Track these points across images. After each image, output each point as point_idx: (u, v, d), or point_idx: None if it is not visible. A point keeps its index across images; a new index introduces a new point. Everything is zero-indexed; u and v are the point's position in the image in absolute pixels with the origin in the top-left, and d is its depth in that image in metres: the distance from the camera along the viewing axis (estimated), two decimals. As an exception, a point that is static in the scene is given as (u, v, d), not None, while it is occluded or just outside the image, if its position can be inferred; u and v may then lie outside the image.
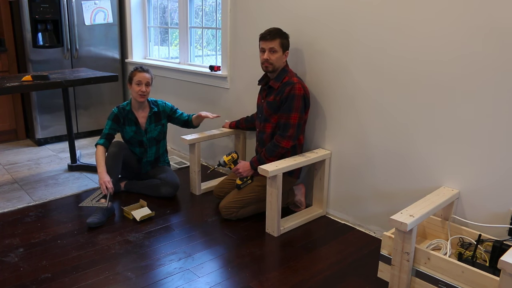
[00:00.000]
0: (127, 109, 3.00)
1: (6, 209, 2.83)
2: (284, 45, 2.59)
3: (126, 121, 3.01)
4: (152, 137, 3.07)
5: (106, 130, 2.96)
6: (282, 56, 2.60)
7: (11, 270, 2.16)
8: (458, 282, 1.79)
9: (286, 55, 2.62)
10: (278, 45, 2.56)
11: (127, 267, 2.20)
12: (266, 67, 2.61)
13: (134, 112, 3.01)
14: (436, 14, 2.10)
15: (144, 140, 3.05)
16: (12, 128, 4.30)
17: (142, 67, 2.96)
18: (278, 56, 2.57)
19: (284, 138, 2.57)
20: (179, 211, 2.84)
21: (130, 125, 3.02)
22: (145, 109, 3.04)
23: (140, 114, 3.02)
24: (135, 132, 3.02)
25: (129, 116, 3.00)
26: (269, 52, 2.57)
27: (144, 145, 3.07)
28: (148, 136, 3.05)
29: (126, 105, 3.02)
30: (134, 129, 3.02)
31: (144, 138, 3.05)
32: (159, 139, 3.12)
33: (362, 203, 2.61)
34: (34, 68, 4.00)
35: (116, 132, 3.00)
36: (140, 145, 3.07)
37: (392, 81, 2.34)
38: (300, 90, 2.53)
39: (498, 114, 1.97)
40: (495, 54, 1.93)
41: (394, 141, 2.39)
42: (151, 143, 3.09)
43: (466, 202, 2.15)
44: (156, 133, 3.08)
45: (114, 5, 4.34)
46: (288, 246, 2.44)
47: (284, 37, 2.59)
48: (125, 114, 3.00)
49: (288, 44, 2.61)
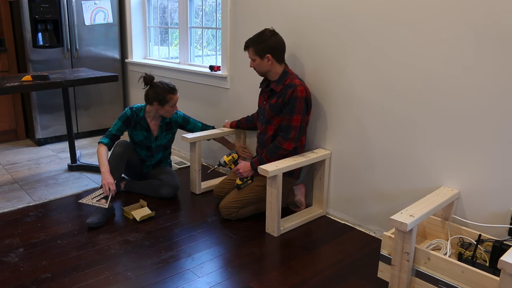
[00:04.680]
0: (140, 115, 2.96)
1: (6, 209, 2.83)
2: (259, 51, 2.57)
3: (138, 125, 2.99)
4: (161, 144, 3.07)
5: (113, 130, 2.93)
6: (263, 61, 2.58)
7: (11, 270, 2.16)
8: (458, 282, 1.79)
9: (269, 59, 2.57)
10: (252, 53, 2.60)
11: (127, 267, 2.20)
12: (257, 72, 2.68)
13: (148, 120, 2.99)
14: (438, 14, 2.10)
15: (153, 146, 3.05)
16: (12, 128, 4.30)
17: (172, 87, 2.89)
18: (257, 63, 2.61)
19: (286, 140, 2.57)
20: (179, 211, 2.84)
21: (141, 130, 2.99)
22: (158, 118, 3.02)
23: (152, 122, 3.01)
24: (146, 137, 3.01)
25: (141, 123, 2.98)
26: (251, 61, 2.64)
27: (152, 151, 3.07)
28: (157, 143, 3.05)
29: (140, 110, 2.97)
30: (145, 134, 3.00)
31: (153, 144, 3.04)
32: (167, 146, 3.13)
33: (362, 203, 2.61)
34: (34, 68, 4.00)
35: (122, 134, 2.98)
36: (147, 150, 3.06)
37: (392, 81, 2.34)
38: (302, 92, 2.53)
39: (498, 114, 1.97)
40: (496, 54, 1.93)
41: (394, 141, 2.39)
42: (159, 149, 3.09)
43: (466, 202, 2.15)
44: (165, 141, 3.08)
45: (114, 5, 4.34)
46: (288, 246, 2.44)
47: (256, 44, 2.56)
48: (138, 119, 2.97)
49: (264, 48, 2.55)
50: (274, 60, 2.58)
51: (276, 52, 2.57)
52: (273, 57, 2.57)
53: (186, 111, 3.84)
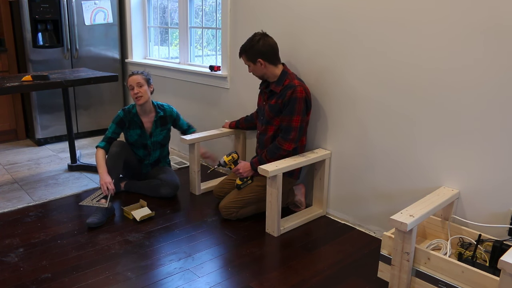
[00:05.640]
0: (133, 112, 2.98)
1: (6, 209, 2.83)
2: (250, 57, 2.60)
3: (131, 124, 3.00)
4: (156, 141, 3.07)
5: (109, 133, 2.96)
6: (256, 66, 2.61)
7: (11, 270, 2.16)
8: (458, 282, 1.79)
9: (261, 63, 2.58)
10: (245, 60, 2.64)
11: (127, 267, 2.20)
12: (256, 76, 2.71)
13: (140, 116, 3.00)
14: (438, 15, 2.10)
15: (149, 144, 3.05)
16: (12, 128, 4.30)
17: (135, 71, 2.95)
18: (252, 68, 2.64)
19: (286, 140, 2.57)
20: (179, 211, 2.84)
21: (135, 129, 3.00)
22: (150, 113, 3.02)
23: (145, 119, 3.01)
24: (140, 136, 3.02)
25: (134, 120, 2.98)
26: (248, 67, 2.68)
27: (148, 148, 3.07)
28: (152, 139, 3.05)
29: (132, 107, 2.99)
30: (139, 133, 3.01)
31: (149, 141, 3.04)
32: (163, 143, 3.12)
33: (362, 203, 2.61)
34: (34, 68, 4.00)
35: (118, 136, 3.00)
36: (144, 148, 3.07)
37: (392, 81, 2.34)
38: (301, 93, 2.53)
39: (498, 114, 1.97)
40: (496, 55, 1.93)
41: (394, 141, 2.39)
42: (155, 147, 3.09)
43: (466, 202, 2.15)
44: (161, 137, 3.08)
45: (114, 5, 4.34)
46: (288, 246, 2.44)
47: (246, 50, 2.60)
48: (130, 118, 2.98)
49: (254, 53, 2.57)
50: (267, 63, 2.59)
51: (266, 55, 2.57)
52: (265, 60, 2.58)
53: (186, 111, 3.84)
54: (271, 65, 2.60)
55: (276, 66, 2.62)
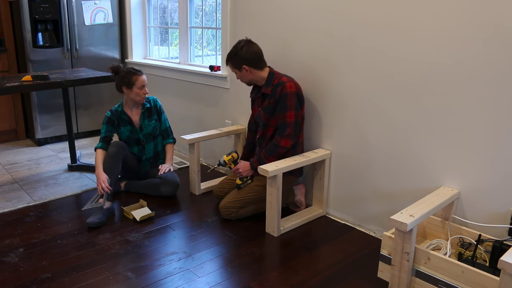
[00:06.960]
0: (119, 110, 3.04)
1: (6, 209, 2.83)
2: (236, 64, 2.63)
3: (120, 122, 3.05)
4: (147, 133, 3.09)
5: (103, 133, 3.02)
6: (242, 72, 2.64)
7: (11, 270, 2.16)
8: (458, 282, 1.79)
9: (246, 69, 2.61)
10: (231, 67, 2.67)
11: (127, 267, 2.20)
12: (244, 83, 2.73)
13: (127, 112, 3.04)
14: (436, 13, 2.10)
15: (141, 137, 3.08)
16: (12, 128, 4.30)
17: (137, 69, 2.98)
18: (239, 75, 2.68)
19: (283, 137, 2.57)
20: (179, 211, 2.84)
21: (124, 125, 3.05)
22: (138, 107, 3.07)
23: (133, 113, 3.06)
24: (130, 131, 3.05)
25: (122, 117, 3.04)
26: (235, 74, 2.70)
27: (141, 142, 3.09)
28: (143, 132, 3.07)
29: (118, 107, 3.06)
30: (129, 128, 3.05)
31: (140, 135, 3.07)
32: (155, 134, 3.13)
33: (362, 203, 2.61)
34: (34, 68, 4.00)
35: (113, 134, 3.04)
36: (137, 143, 3.09)
37: (391, 81, 2.34)
38: (291, 87, 2.54)
39: (498, 114, 1.97)
40: (496, 55, 1.93)
41: (394, 141, 2.39)
42: (148, 139, 3.11)
43: (466, 202, 2.15)
44: (150, 128, 3.10)
45: (114, 5, 4.34)
46: (288, 246, 2.44)
47: (230, 58, 2.63)
48: (118, 116, 3.04)
49: (238, 61, 2.60)
50: (252, 68, 2.61)
51: (250, 61, 2.60)
52: (249, 66, 2.61)
53: (186, 111, 3.84)
54: (256, 70, 2.63)
55: (262, 70, 2.65)
